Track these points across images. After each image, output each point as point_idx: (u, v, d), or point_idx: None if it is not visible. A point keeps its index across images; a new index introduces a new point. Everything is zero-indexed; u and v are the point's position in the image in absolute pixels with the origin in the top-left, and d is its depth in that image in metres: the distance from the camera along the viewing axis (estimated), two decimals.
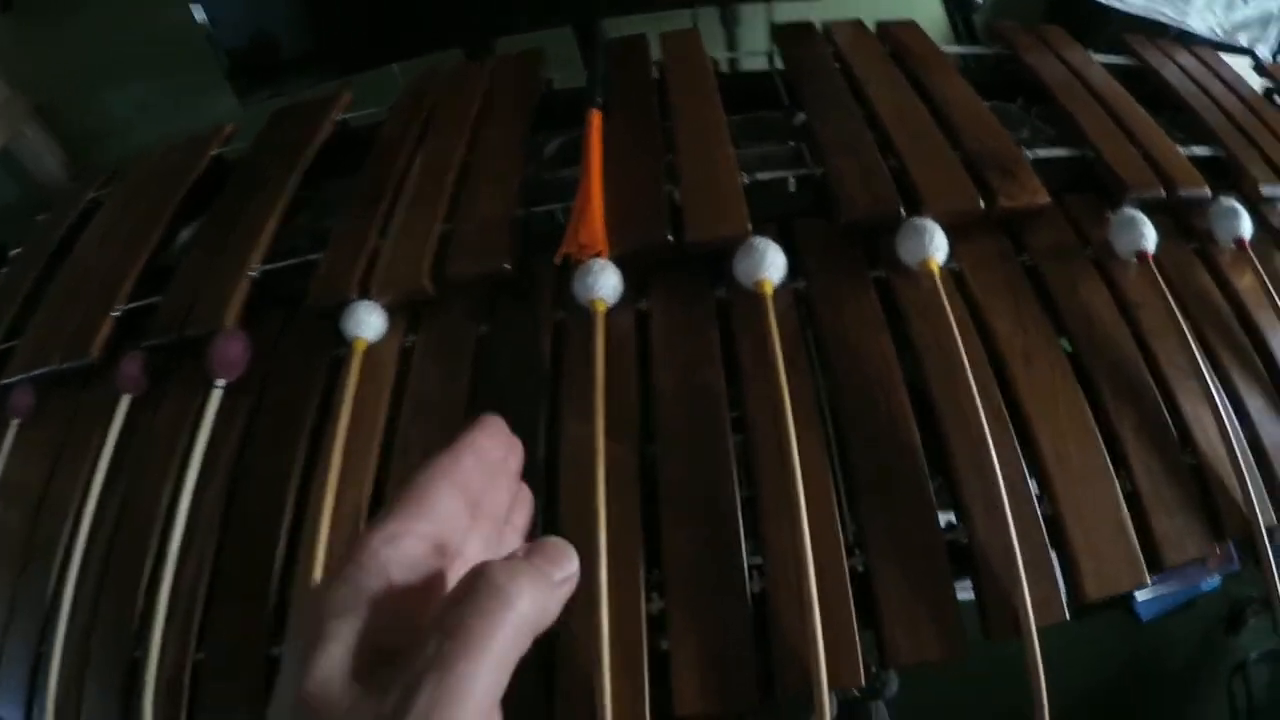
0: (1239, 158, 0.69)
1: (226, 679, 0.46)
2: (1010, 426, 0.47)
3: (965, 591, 0.44)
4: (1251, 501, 0.46)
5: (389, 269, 0.59)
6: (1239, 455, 0.48)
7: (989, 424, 0.45)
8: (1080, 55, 0.73)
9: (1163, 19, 0.79)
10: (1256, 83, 0.89)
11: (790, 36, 0.72)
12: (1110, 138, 0.63)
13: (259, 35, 0.83)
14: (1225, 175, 0.68)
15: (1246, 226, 0.61)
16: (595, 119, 0.61)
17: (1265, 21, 0.85)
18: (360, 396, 0.55)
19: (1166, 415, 0.50)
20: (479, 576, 0.22)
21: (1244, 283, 0.60)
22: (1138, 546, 0.45)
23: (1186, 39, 0.84)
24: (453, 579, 0.25)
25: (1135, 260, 0.56)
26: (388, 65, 0.83)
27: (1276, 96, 0.85)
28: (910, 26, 0.73)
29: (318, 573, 0.47)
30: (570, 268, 0.53)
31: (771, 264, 0.50)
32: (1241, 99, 0.77)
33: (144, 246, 0.70)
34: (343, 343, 0.56)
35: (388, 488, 0.51)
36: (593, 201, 0.55)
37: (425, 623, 0.23)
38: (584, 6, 0.81)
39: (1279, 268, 0.62)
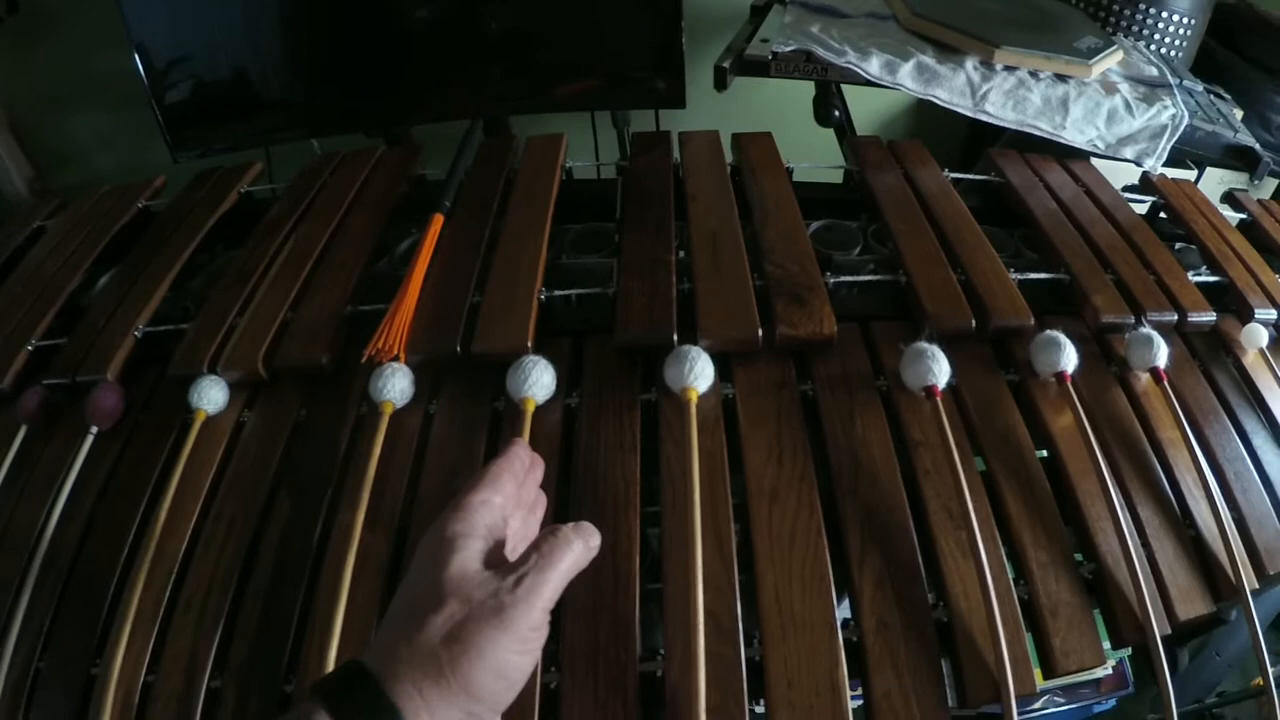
0: (1083, 284, 0.69)
1: (59, 689, 0.51)
2: (734, 568, 0.48)
3: None
4: (1004, 668, 0.45)
5: (236, 348, 0.64)
6: (995, 614, 0.46)
7: (706, 563, 0.46)
8: (929, 172, 0.75)
9: (1038, 132, 0.80)
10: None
11: (643, 145, 0.75)
12: (927, 261, 0.65)
13: (193, 95, 0.90)
14: (1070, 300, 0.69)
15: (1069, 359, 0.60)
16: (435, 223, 0.66)
17: (1156, 134, 0.85)
18: (192, 463, 0.60)
19: (921, 568, 0.49)
20: (556, 531, 0.38)
21: (1060, 422, 0.59)
22: (849, 711, 0.44)
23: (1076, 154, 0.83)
24: (506, 538, 0.40)
25: (923, 395, 0.56)
26: (308, 140, 0.90)
27: (1163, 212, 0.85)
28: (761, 138, 0.75)
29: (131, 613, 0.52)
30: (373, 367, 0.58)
31: (535, 382, 0.54)
32: (1114, 222, 0.77)
33: (65, 286, 0.75)
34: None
35: (197, 548, 0.56)
36: (404, 307, 0.60)
37: (507, 553, 0.39)
38: (493, 104, 0.87)
39: (1111, 403, 0.61)
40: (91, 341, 0.68)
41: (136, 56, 0.88)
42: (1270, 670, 0.52)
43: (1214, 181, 1.03)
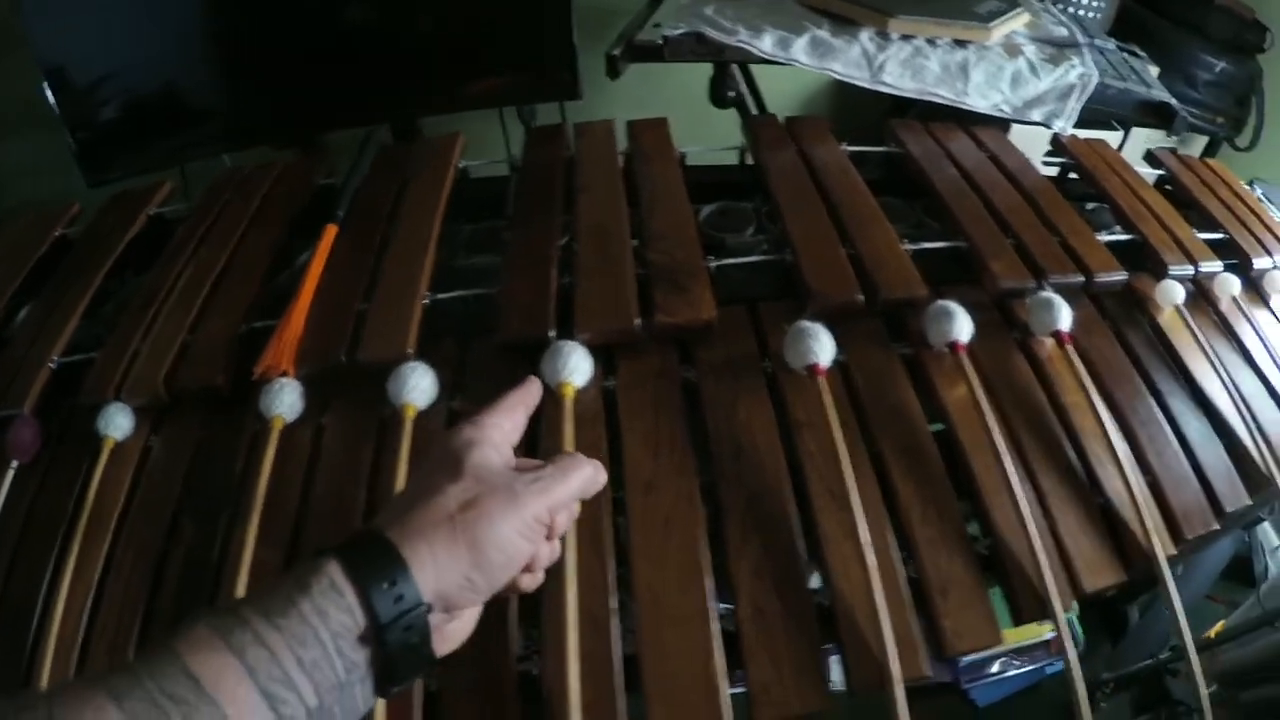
0: (982, 250, 0.68)
1: None
2: (609, 563, 0.48)
3: None
4: (887, 653, 0.44)
5: (138, 374, 0.65)
6: (877, 597, 0.46)
7: (581, 559, 0.46)
8: (826, 147, 0.74)
9: (940, 100, 0.80)
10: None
11: (537, 140, 0.75)
12: (815, 238, 0.65)
13: (106, 122, 0.90)
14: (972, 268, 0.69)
15: (961, 328, 0.59)
16: (328, 235, 0.66)
17: (1064, 94, 0.85)
18: (103, 490, 0.60)
19: (801, 553, 0.49)
20: (571, 455, 0.41)
21: (954, 394, 0.58)
22: (724, 702, 0.44)
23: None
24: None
25: (806, 374, 0.55)
26: (220, 156, 0.90)
27: (1074, 173, 0.85)
28: (656, 125, 0.75)
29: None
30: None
31: (414, 388, 0.54)
32: (1019, 186, 0.77)
33: None
34: None
35: (110, 575, 0.57)
36: (292, 322, 0.60)
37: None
38: (393, 109, 0.87)
39: (1012, 370, 0.61)
40: (11, 375, 0.69)
41: (48, 86, 0.88)
42: (1193, 628, 0.52)
43: (1144, 142, 1.03)
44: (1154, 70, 0.95)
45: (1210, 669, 1.05)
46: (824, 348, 0.56)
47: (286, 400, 0.57)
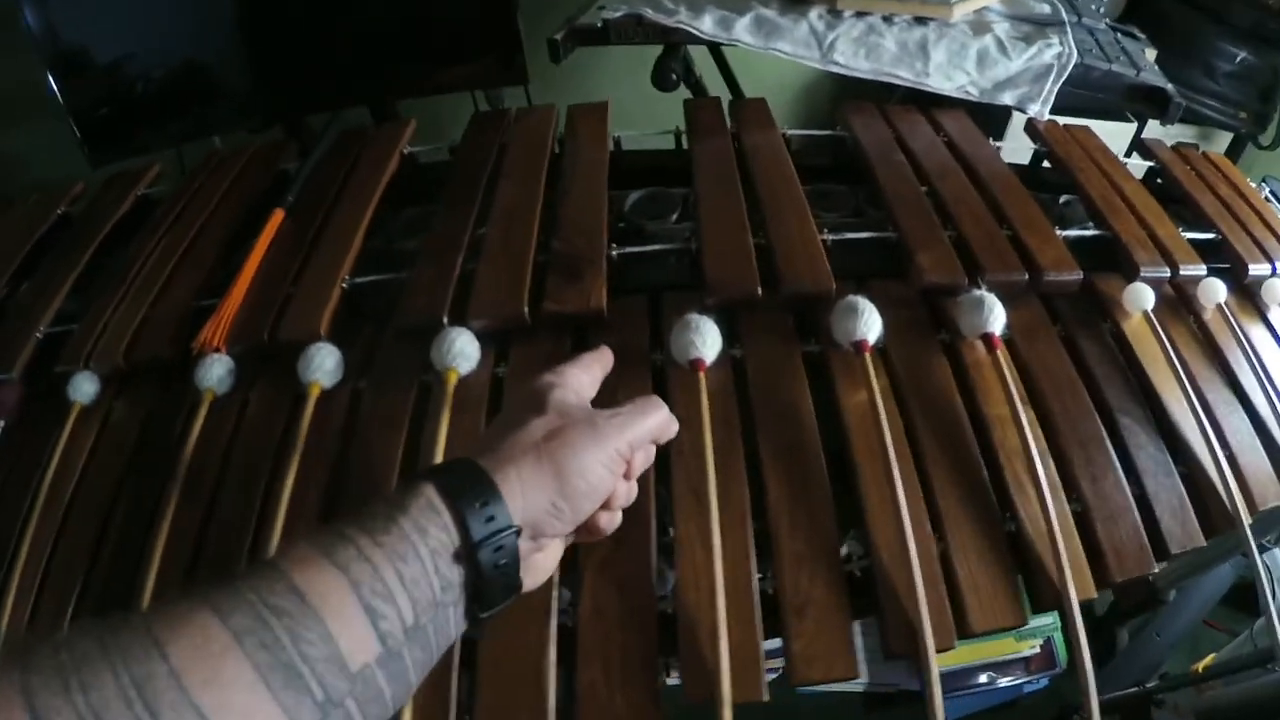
0: (910, 241, 0.65)
1: None
2: None
3: None
4: (721, 669, 0.42)
5: (105, 345, 0.71)
6: (719, 610, 0.44)
7: None
8: (763, 132, 0.73)
9: (898, 81, 0.77)
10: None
11: (480, 125, 0.77)
12: (725, 227, 0.64)
13: (105, 107, 0.97)
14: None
15: (868, 326, 0.56)
16: (274, 219, 0.70)
17: (1039, 76, 0.80)
18: (68, 451, 0.67)
19: (652, 555, 0.48)
20: (649, 397, 0.43)
21: (853, 397, 0.55)
22: (549, 693, 0.44)
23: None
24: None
25: (690, 368, 0.54)
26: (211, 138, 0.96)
27: (1046, 161, 0.80)
28: (595, 109, 0.76)
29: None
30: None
31: (319, 368, 0.58)
32: (973, 174, 0.73)
33: None
34: None
35: (64, 533, 0.63)
36: (230, 301, 0.65)
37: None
38: (378, 89, 0.90)
39: (930, 375, 0.57)
40: (5, 343, 0.76)
41: (49, 74, 0.95)
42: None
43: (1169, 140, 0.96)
44: (1151, 53, 0.89)
45: (1194, 704, 0.97)
46: (707, 342, 0.55)
47: (215, 374, 0.62)
